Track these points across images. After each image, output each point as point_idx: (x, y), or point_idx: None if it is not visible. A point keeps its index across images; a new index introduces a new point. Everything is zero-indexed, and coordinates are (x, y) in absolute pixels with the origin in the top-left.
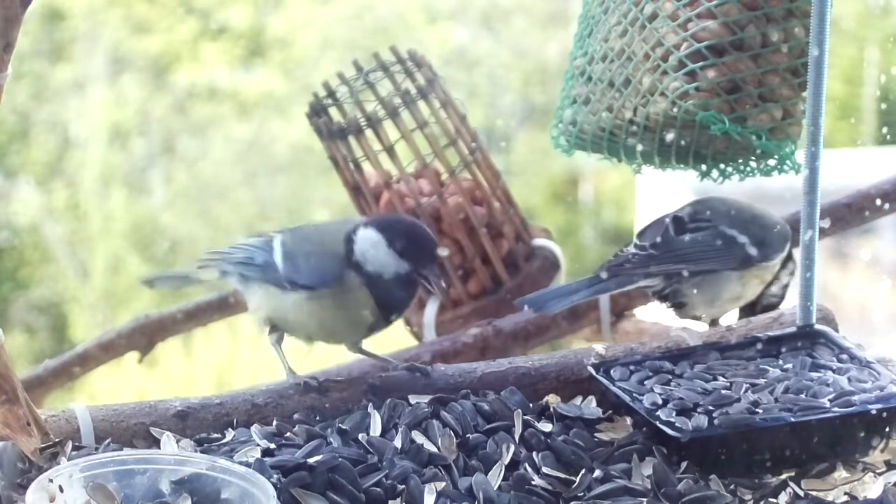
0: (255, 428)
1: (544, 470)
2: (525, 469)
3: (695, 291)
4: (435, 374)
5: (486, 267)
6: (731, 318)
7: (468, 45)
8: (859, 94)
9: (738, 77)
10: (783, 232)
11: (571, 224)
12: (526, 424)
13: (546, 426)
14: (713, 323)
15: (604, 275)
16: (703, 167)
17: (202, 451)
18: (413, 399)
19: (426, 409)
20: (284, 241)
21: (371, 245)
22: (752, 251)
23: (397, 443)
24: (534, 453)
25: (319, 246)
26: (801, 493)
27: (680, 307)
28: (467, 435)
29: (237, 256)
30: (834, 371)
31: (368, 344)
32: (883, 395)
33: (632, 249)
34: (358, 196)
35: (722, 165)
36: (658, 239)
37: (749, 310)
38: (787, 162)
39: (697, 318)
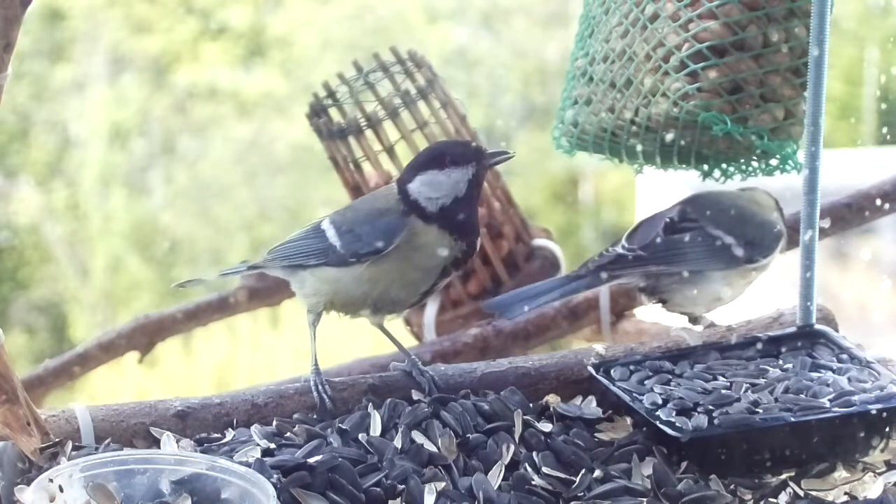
0: (255, 428)
1: (544, 470)
2: (525, 469)
3: (675, 289)
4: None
5: (486, 267)
6: (722, 315)
7: (468, 45)
8: (859, 94)
9: (739, 77)
10: (776, 232)
11: (571, 224)
12: (526, 424)
13: (546, 426)
14: (695, 321)
15: (582, 273)
16: (705, 167)
17: (202, 451)
18: (414, 396)
19: (426, 409)
20: (335, 221)
21: (428, 184)
22: (738, 252)
23: (397, 443)
24: (534, 453)
25: (370, 213)
26: (801, 493)
27: (663, 302)
28: (467, 435)
29: (289, 251)
30: (834, 371)
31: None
32: (883, 395)
33: (619, 250)
34: (358, 196)
35: (724, 165)
36: (648, 241)
37: None
38: (790, 162)
39: (684, 315)
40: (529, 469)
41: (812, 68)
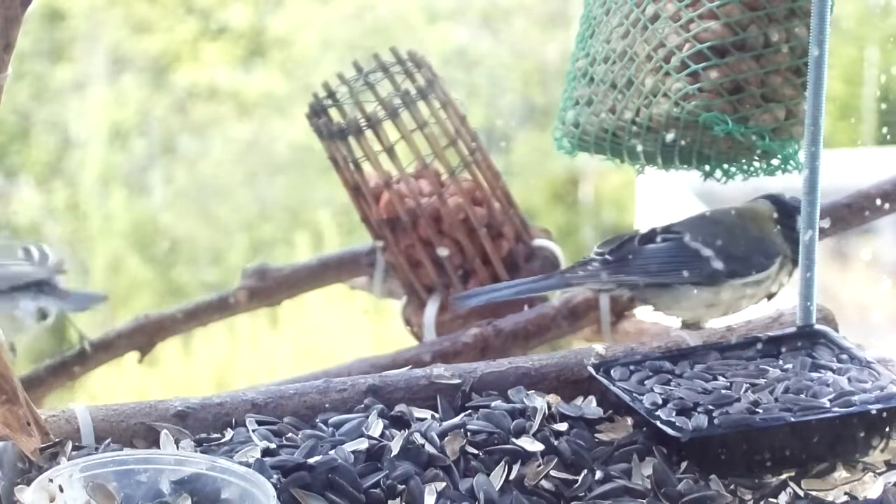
0: (254, 428)
1: None
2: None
3: (659, 301)
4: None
5: (486, 267)
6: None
7: (468, 45)
8: (859, 94)
9: (740, 77)
10: (766, 248)
11: (571, 224)
12: None
13: None
14: (693, 326)
15: (551, 275)
16: (707, 167)
17: (202, 451)
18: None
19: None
20: None
21: None
22: (718, 265)
23: (397, 443)
24: None
25: None
26: (801, 493)
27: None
28: (469, 435)
29: None
30: (834, 371)
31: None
32: (883, 395)
33: (591, 255)
34: (358, 196)
35: (725, 165)
36: (617, 246)
37: None
38: (791, 162)
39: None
40: None
41: (812, 68)
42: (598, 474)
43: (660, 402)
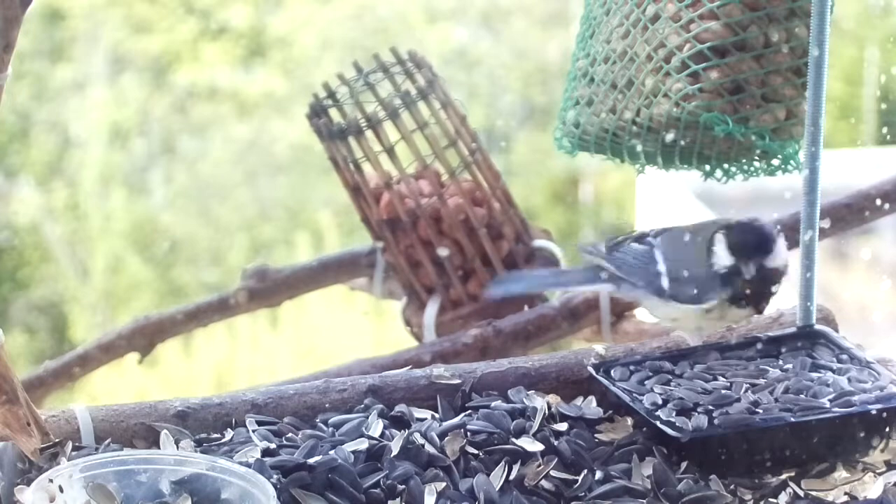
0: (254, 428)
1: None
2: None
3: (638, 299)
4: None
5: (486, 268)
6: None
7: (468, 45)
8: (859, 94)
9: (741, 78)
10: (712, 283)
11: (571, 224)
12: None
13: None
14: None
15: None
16: (707, 167)
17: (202, 451)
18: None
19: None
20: None
21: None
22: (664, 283)
23: (397, 443)
24: None
25: None
26: (801, 493)
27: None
28: (469, 435)
29: None
30: (834, 371)
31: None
32: (883, 396)
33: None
34: (358, 197)
35: (726, 165)
36: (613, 241)
37: None
38: (791, 162)
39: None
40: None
41: (812, 68)
42: (598, 474)
43: (660, 402)
